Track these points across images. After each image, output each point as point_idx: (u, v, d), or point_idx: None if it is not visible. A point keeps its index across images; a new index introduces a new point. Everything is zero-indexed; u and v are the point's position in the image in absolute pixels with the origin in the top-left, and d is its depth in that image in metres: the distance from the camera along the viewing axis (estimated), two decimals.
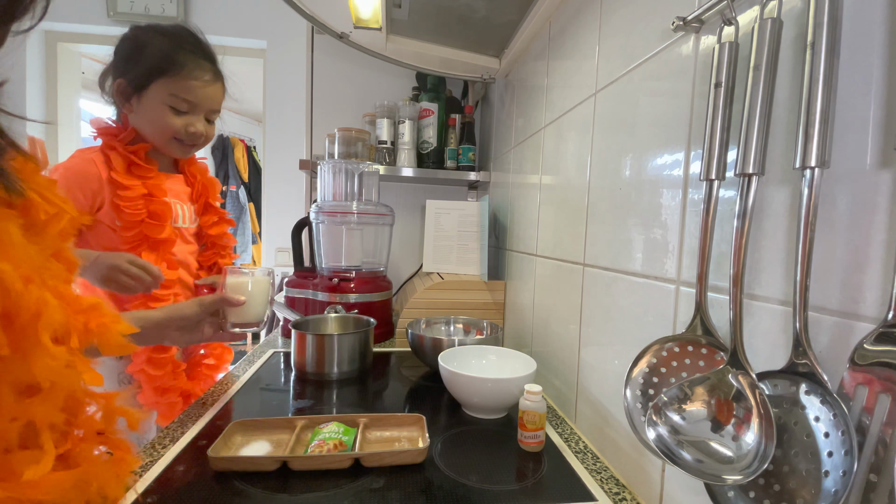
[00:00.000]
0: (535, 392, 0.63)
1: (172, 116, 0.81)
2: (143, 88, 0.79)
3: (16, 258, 0.26)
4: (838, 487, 0.28)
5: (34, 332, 0.27)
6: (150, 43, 0.79)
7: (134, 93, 0.80)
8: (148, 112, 0.80)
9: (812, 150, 0.31)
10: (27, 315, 0.27)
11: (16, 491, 0.26)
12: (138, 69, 0.78)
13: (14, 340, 0.26)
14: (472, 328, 1.09)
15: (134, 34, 0.81)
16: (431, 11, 1.01)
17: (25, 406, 0.28)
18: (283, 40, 2.06)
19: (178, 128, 0.82)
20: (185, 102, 0.81)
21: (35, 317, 0.27)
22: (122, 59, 0.80)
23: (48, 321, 0.28)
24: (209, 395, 0.80)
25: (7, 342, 0.26)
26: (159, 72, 0.78)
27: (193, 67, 0.81)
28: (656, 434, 0.38)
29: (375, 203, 1.26)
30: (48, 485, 0.28)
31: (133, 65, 0.78)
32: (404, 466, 0.58)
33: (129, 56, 0.79)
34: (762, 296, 0.39)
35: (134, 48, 0.79)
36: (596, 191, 0.69)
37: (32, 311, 0.27)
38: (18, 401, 0.28)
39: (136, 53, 0.79)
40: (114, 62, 0.82)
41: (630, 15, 0.60)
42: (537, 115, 0.97)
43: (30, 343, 0.27)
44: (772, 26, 0.35)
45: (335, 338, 0.90)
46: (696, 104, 0.47)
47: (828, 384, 0.31)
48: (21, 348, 0.27)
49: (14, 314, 0.26)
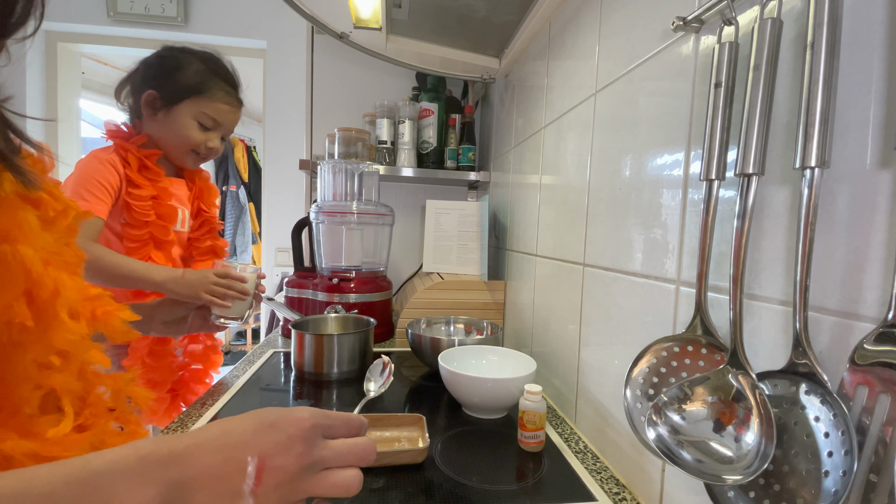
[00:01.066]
0: (535, 392, 0.63)
1: (197, 131, 0.88)
2: (175, 103, 0.86)
3: (35, 244, 0.30)
4: (838, 487, 0.28)
5: (53, 308, 0.31)
6: (188, 65, 0.87)
7: (165, 105, 0.86)
8: (174, 124, 0.87)
9: (812, 150, 0.31)
10: (47, 293, 0.30)
11: (42, 447, 0.30)
12: (174, 85, 0.86)
13: (36, 314, 0.30)
14: (472, 328, 1.09)
15: (172, 54, 0.88)
16: (431, 11, 1.01)
17: (47, 376, 0.32)
18: (283, 40, 2.06)
19: (200, 142, 0.89)
20: (211, 121, 0.89)
21: (54, 294, 0.30)
22: (155, 74, 0.86)
23: (65, 299, 0.31)
24: (209, 396, 0.80)
25: (31, 315, 0.29)
26: (194, 91, 0.86)
27: (224, 94, 0.90)
28: (656, 434, 0.38)
29: (375, 203, 1.26)
30: (69, 442, 0.31)
31: (168, 81, 0.85)
32: (404, 466, 0.57)
33: (166, 73, 0.86)
34: (762, 296, 0.39)
35: (171, 67, 0.86)
36: (596, 191, 0.69)
37: (51, 290, 0.30)
38: (40, 371, 0.31)
39: (173, 71, 0.86)
40: (143, 75, 0.87)
41: (630, 15, 0.60)
42: (537, 115, 0.97)
43: (49, 318, 0.31)
44: (772, 26, 0.35)
45: (335, 338, 0.90)
46: (696, 104, 0.47)
47: (828, 384, 0.31)
48: (42, 322, 0.30)
49: (35, 292, 0.30)
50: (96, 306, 0.38)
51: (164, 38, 2.03)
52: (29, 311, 0.29)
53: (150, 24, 2.00)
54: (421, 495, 0.52)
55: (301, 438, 0.29)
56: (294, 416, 0.30)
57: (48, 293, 0.30)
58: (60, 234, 0.35)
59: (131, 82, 0.89)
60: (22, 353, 0.29)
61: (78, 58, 2.15)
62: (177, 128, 0.87)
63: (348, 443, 0.31)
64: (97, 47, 2.09)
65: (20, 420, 0.30)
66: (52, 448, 0.30)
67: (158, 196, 0.88)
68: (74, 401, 0.35)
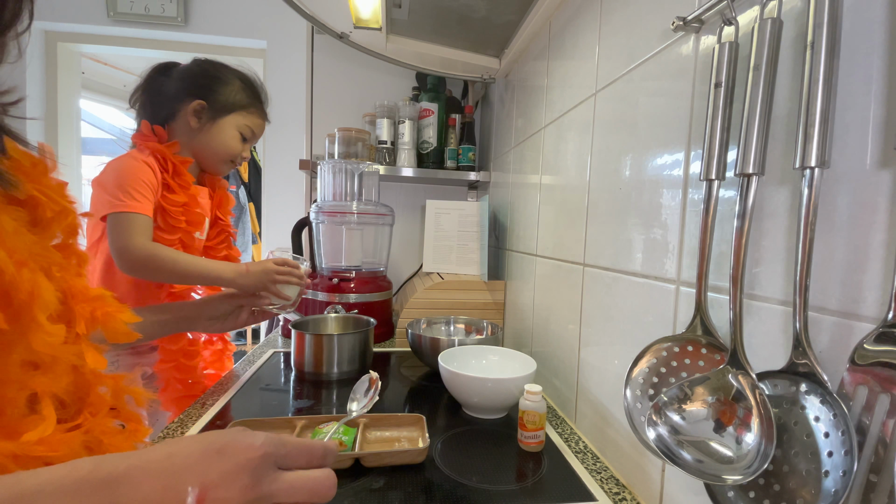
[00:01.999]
0: (535, 392, 0.63)
1: (239, 142, 0.95)
2: (222, 115, 0.91)
3: (9, 246, 0.29)
4: (838, 487, 0.28)
5: (30, 311, 0.30)
6: (233, 80, 0.93)
7: (212, 116, 0.91)
8: (221, 134, 0.92)
9: (812, 150, 0.31)
10: (23, 295, 0.29)
11: (23, 448, 0.29)
12: (223, 98, 0.91)
13: (12, 317, 0.29)
14: (472, 328, 1.09)
15: (213, 68, 0.93)
16: (431, 11, 1.01)
17: (30, 377, 0.31)
18: (283, 40, 2.06)
19: (239, 152, 0.95)
20: (251, 133, 0.96)
21: (30, 296, 0.29)
22: (200, 85, 0.91)
23: (43, 302, 0.30)
24: (209, 395, 0.80)
25: (5, 318, 0.28)
26: (240, 106, 0.93)
27: (263, 110, 0.98)
28: (656, 434, 0.38)
29: (375, 203, 1.26)
30: (55, 443, 0.30)
31: (216, 94, 0.91)
32: (404, 466, 0.58)
33: (213, 87, 0.91)
34: (762, 296, 0.39)
35: (219, 82, 0.92)
36: (596, 191, 0.69)
37: (28, 291, 0.29)
38: (24, 373, 0.30)
39: (219, 85, 0.91)
40: (185, 84, 0.90)
41: (630, 15, 0.60)
42: (537, 115, 0.97)
43: (27, 321, 0.30)
44: (772, 26, 0.35)
45: (335, 338, 0.90)
46: (696, 104, 0.47)
47: (828, 384, 0.31)
48: (20, 325, 0.29)
49: (11, 294, 0.29)
50: (96, 307, 0.38)
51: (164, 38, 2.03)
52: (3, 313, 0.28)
53: (150, 24, 2.00)
54: (421, 495, 0.52)
55: (249, 469, 0.27)
56: (245, 442, 0.28)
57: (24, 295, 0.29)
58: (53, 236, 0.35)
59: (162, 89, 0.90)
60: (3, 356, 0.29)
61: (78, 58, 2.15)
62: (223, 138, 0.92)
63: (303, 476, 0.28)
64: (97, 47, 2.09)
65: (4, 421, 0.29)
66: (35, 448, 0.29)
67: (188, 203, 0.90)
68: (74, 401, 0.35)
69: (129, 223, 0.77)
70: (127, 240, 0.76)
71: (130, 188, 0.79)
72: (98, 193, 0.81)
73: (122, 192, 0.78)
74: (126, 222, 0.77)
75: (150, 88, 0.91)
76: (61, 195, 0.36)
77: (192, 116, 0.89)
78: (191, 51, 2.11)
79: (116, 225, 0.77)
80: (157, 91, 0.91)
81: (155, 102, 0.91)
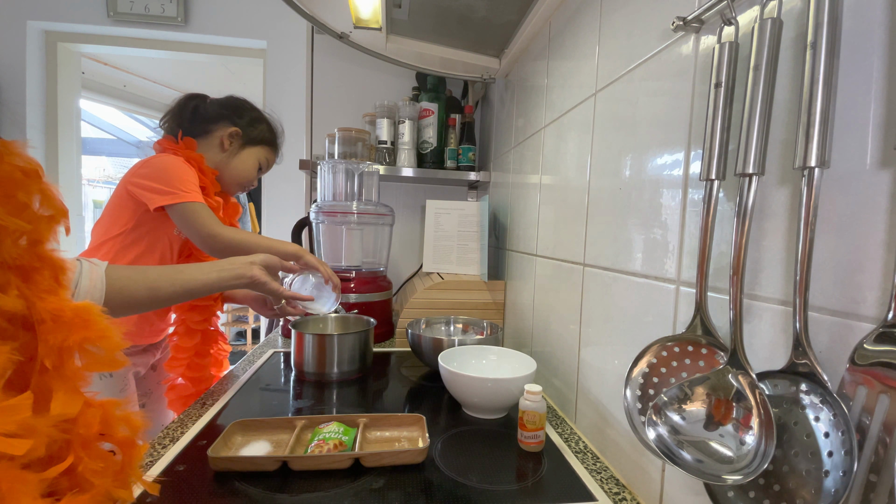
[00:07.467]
0: (535, 392, 0.63)
1: (256, 171, 1.05)
2: (250, 145, 1.02)
3: None
4: (838, 487, 0.28)
5: None
6: (265, 121, 1.06)
7: (242, 144, 1.01)
8: (245, 160, 1.02)
9: (812, 150, 0.31)
10: None
11: None
12: (254, 133, 1.03)
13: None
14: (472, 328, 1.09)
15: (255, 109, 1.05)
16: (431, 11, 1.01)
17: None
18: (283, 40, 2.05)
19: (253, 178, 1.05)
20: (266, 166, 1.08)
21: None
22: (241, 117, 1.01)
23: None
24: (209, 395, 0.80)
25: None
26: (267, 142, 1.05)
27: (279, 150, 1.10)
28: (656, 434, 0.38)
29: (375, 203, 1.26)
30: None
31: (251, 127, 1.02)
32: (404, 466, 0.58)
33: (252, 121, 1.03)
34: (762, 296, 0.39)
35: (255, 118, 1.03)
36: (596, 191, 0.69)
37: None
38: None
39: (255, 122, 1.03)
40: (227, 114, 1.00)
41: (630, 15, 0.60)
42: (537, 115, 0.97)
43: None
44: (772, 26, 0.35)
45: (335, 338, 0.90)
46: (696, 104, 0.47)
47: (828, 384, 0.31)
48: None
49: None
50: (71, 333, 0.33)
51: (164, 38, 2.03)
52: None
53: (150, 24, 2.00)
54: (421, 495, 0.52)
55: None
56: None
57: None
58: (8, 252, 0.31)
59: (198, 110, 0.98)
60: None
61: (78, 58, 2.15)
62: (245, 165, 1.02)
63: None
64: (97, 47, 2.09)
65: None
66: None
67: (220, 208, 0.96)
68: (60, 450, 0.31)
69: (205, 212, 0.83)
70: (211, 227, 0.83)
71: (188, 181, 0.84)
72: (140, 184, 0.84)
73: (181, 183, 0.83)
74: (202, 211, 0.83)
75: (185, 108, 0.97)
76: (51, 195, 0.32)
77: (227, 139, 0.98)
78: (191, 51, 2.11)
79: (192, 213, 0.82)
80: (193, 111, 0.97)
81: (188, 119, 0.97)
